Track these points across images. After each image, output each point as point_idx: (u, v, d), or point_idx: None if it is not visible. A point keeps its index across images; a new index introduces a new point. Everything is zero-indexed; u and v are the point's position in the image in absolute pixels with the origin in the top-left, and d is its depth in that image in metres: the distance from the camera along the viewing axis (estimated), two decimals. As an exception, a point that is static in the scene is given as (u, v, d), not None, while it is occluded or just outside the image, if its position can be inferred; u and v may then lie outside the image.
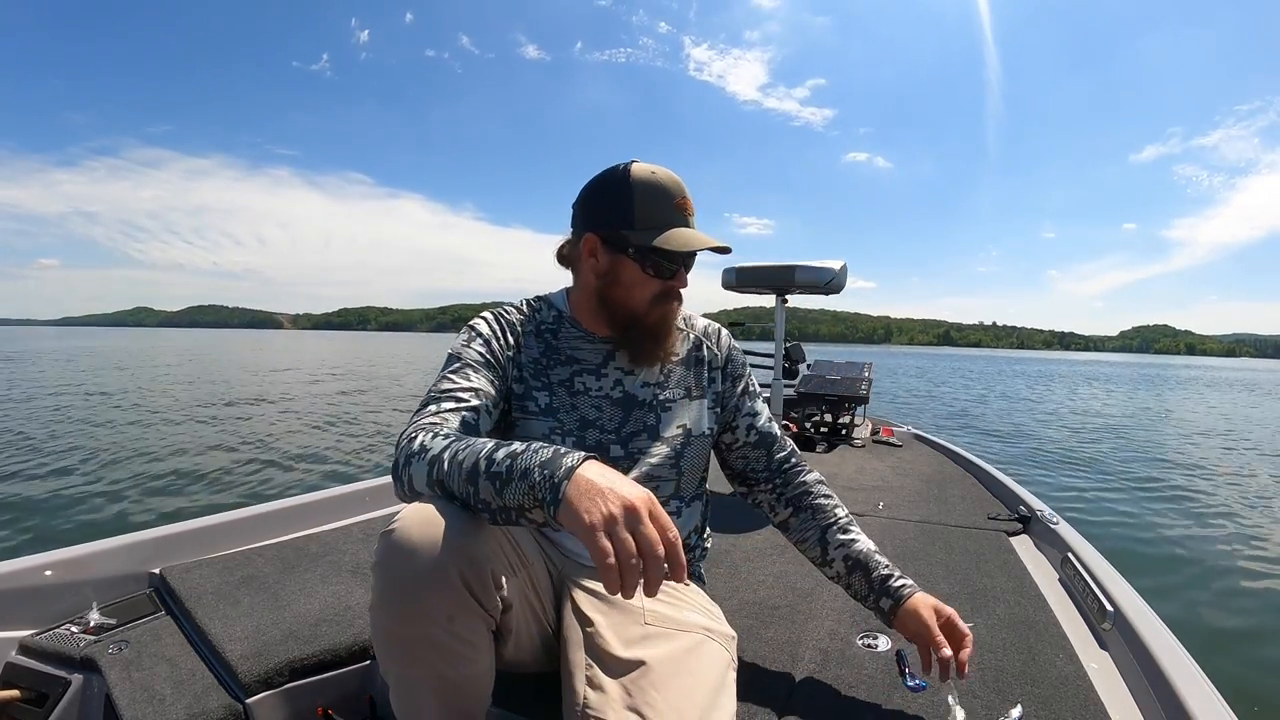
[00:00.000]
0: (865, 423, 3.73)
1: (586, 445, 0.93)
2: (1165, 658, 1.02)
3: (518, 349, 0.95)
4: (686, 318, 1.08)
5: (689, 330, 1.07)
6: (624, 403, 0.96)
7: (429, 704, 0.73)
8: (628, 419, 0.96)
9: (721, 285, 3.28)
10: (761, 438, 1.07)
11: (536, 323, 0.98)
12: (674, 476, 0.98)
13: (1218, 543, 3.93)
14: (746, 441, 1.07)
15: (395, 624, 0.68)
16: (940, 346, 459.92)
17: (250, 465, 5.51)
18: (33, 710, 1.07)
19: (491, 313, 0.98)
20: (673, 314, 0.97)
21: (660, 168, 0.92)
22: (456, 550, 0.66)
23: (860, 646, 1.14)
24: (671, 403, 0.99)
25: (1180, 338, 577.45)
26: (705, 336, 1.08)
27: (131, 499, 4.35)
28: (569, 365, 0.96)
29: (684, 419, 0.99)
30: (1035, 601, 1.34)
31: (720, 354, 1.07)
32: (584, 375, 0.96)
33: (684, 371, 1.03)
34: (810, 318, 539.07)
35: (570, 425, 0.93)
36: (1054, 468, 6.48)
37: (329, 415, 8.90)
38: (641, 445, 0.96)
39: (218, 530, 1.57)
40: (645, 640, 0.80)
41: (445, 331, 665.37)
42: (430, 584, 0.65)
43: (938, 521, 1.96)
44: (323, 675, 1.08)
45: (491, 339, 0.93)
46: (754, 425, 1.07)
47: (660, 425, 0.97)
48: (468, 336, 0.93)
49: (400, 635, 0.69)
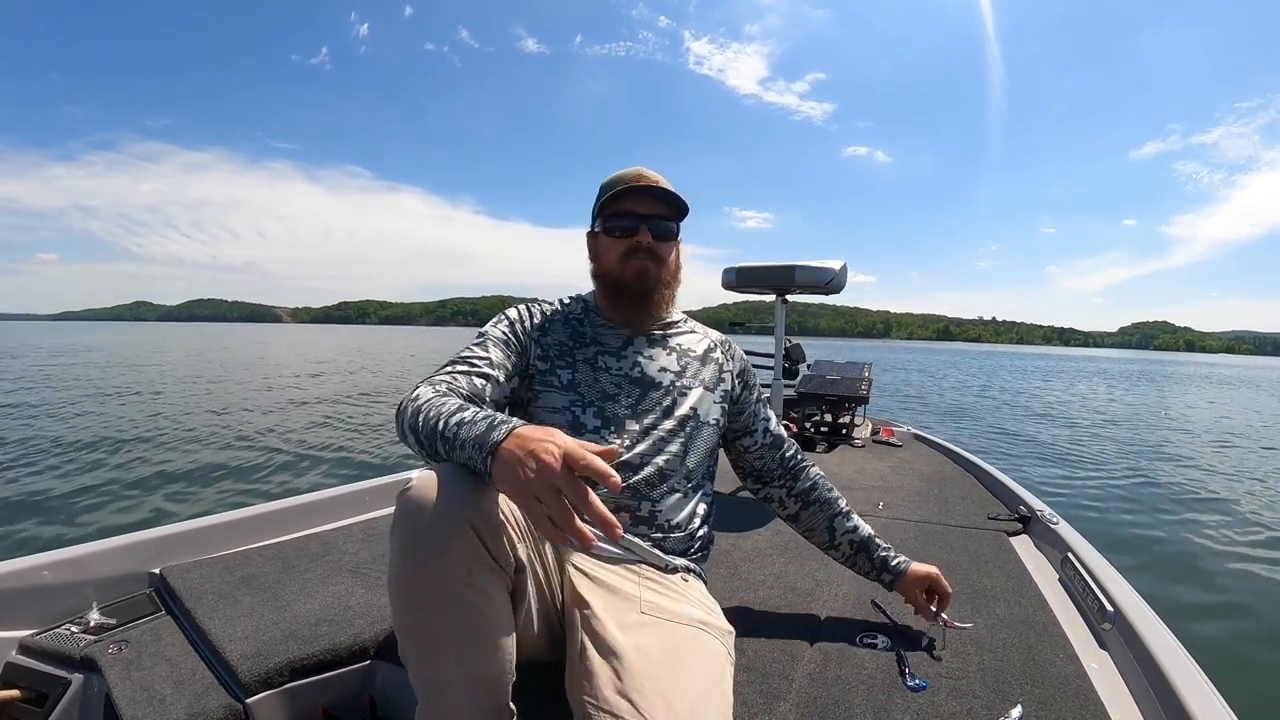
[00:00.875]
0: (865, 423, 3.74)
1: (605, 417, 1.02)
2: (1165, 658, 1.02)
3: (543, 333, 1.07)
4: (699, 324, 1.22)
5: (704, 335, 1.20)
6: (641, 382, 1.07)
7: (455, 676, 0.71)
8: (644, 397, 1.06)
9: (721, 285, 3.28)
10: (774, 440, 1.22)
11: (566, 313, 1.12)
12: (680, 455, 1.05)
13: (1218, 542, 3.93)
14: (763, 444, 1.21)
15: (417, 577, 0.69)
16: (940, 341, 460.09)
17: (250, 465, 5.51)
18: (33, 710, 1.07)
19: (524, 304, 1.13)
20: (649, 271, 1.07)
21: (637, 167, 1.10)
22: (470, 505, 0.70)
23: (860, 646, 1.14)
24: (687, 390, 1.09)
25: (1180, 334, 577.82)
26: (720, 344, 1.21)
27: (131, 499, 4.35)
28: (593, 346, 1.08)
29: (695, 405, 1.09)
30: (1035, 601, 1.34)
31: (735, 363, 1.21)
32: (606, 356, 1.08)
33: (699, 365, 1.14)
34: (810, 312, 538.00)
35: (592, 397, 1.04)
36: (1054, 466, 6.48)
37: (329, 415, 8.90)
38: (654, 422, 1.04)
39: (218, 530, 1.57)
40: (641, 627, 0.80)
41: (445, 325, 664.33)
42: (449, 535, 0.68)
43: (938, 521, 1.96)
44: (323, 675, 1.08)
45: (517, 322, 1.07)
46: (768, 429, 1.22)
47: (674, 407, 1.07)
48: (497, 319, 1.08)
49: (423, 591, 0.69)
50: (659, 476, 1.01)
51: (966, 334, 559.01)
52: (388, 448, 6.44)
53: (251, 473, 5.24)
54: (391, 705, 1.10)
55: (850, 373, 3.85)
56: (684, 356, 1.13)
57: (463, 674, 0.71)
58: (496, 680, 0.73)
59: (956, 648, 1.14)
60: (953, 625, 1.19)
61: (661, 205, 1.08)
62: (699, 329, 1.21)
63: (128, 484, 4.69)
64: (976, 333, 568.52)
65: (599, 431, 1.01)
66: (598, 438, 1.00)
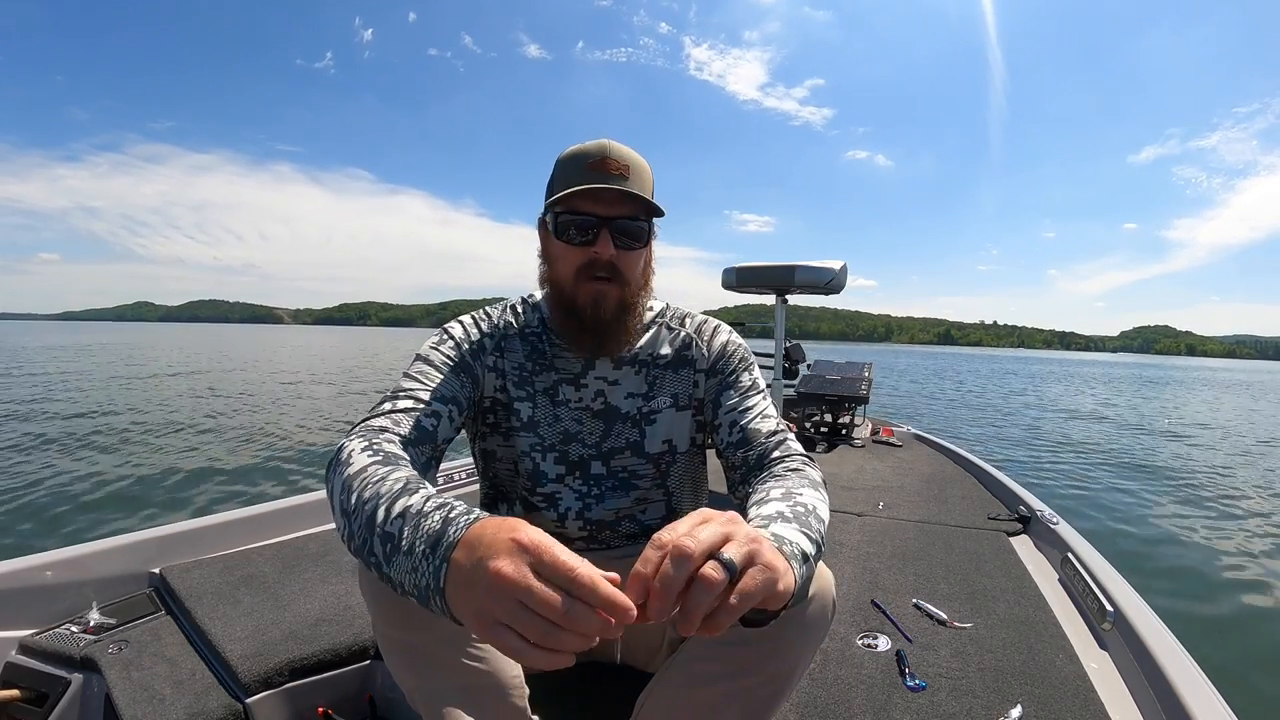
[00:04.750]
0: (865, 423, 3.74)
1: (569, 460, 0.88)
2: (1165, 658, 1.02)
3: (499, 354, 0.87)
4: (680, 316, 0.96)
5: (679, 330, 0.95)
6: (605, 415, 0.89)
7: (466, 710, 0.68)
8: (609, 433, 0.89)
9: (721, 285, 3.28)
10: (741, 438, 0.85)
11: (521, 325, 0.90)
12: (661, 495, 0.92)
13: (1219, 542, 3.93)
14: (729, 442, 0.86)
15: (395, 623, 0.66)
16: (941, 345, 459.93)
17: (250, 465, 5.51)
18: (33, 710, 1.06)
19: (470, 316, 0.91)
20: (606, 298, 0.82)
21: (604, 140, 0.83)
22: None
23: (860, 647, 1.14)
24: (656, 414, 0.90)
25: (1181, 338, 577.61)
26: (696, 334, 0.94)
27: (131, 499, 4.35)
28: (551, 372, 0.89)
29: (669, 432, 0.91)
30: (1035, 601, 1.34)
31: (708, 354, 0.93)
32: (564, 385, 0.89)
33: (672, 376, 0.92)
34: (811, 316, 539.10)
35: (552, 440, 0.88)
36: (1054, 467, 6.48)
37: (329, 415, 8.90)
38: (625, 463, 0.89)
39: (218, 530, 1.57)
40: None
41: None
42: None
43: (938, 521, 1.96)
44: (323, 675, 1.08)
45: (464, 342, 0.86)
46: (737, 424, 0.86)
47: (644, 440, 0.90)
48: (439, 338, 0.87)
49: (412, 642, 0.66)
50: (637, 526, 0.92)
51: (968, 338, 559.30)
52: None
53: (251, 473, 5.23)
54: (391, 705, 1.10)
55: (850, 373, 3.85)
56: (653, 369, 0.91)
57: (458, 685, 0.70)
58: (500, 697, 0.72)
59: (956, 648, 1.14)
60: (953, 625, 1.19)
61: (630, 200, 0.81)
62: (674, 322, 0.95)
63: (128, 484, 4.69)
64: (978, 337, 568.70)
65: (562, 480, 0.88)
66: (560, 487, 0.88)
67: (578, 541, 0.90)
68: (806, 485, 0.71)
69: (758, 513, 0.64)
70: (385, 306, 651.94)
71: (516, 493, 0.90)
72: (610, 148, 0.80)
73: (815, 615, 0.66)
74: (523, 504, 0.90)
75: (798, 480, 0.72)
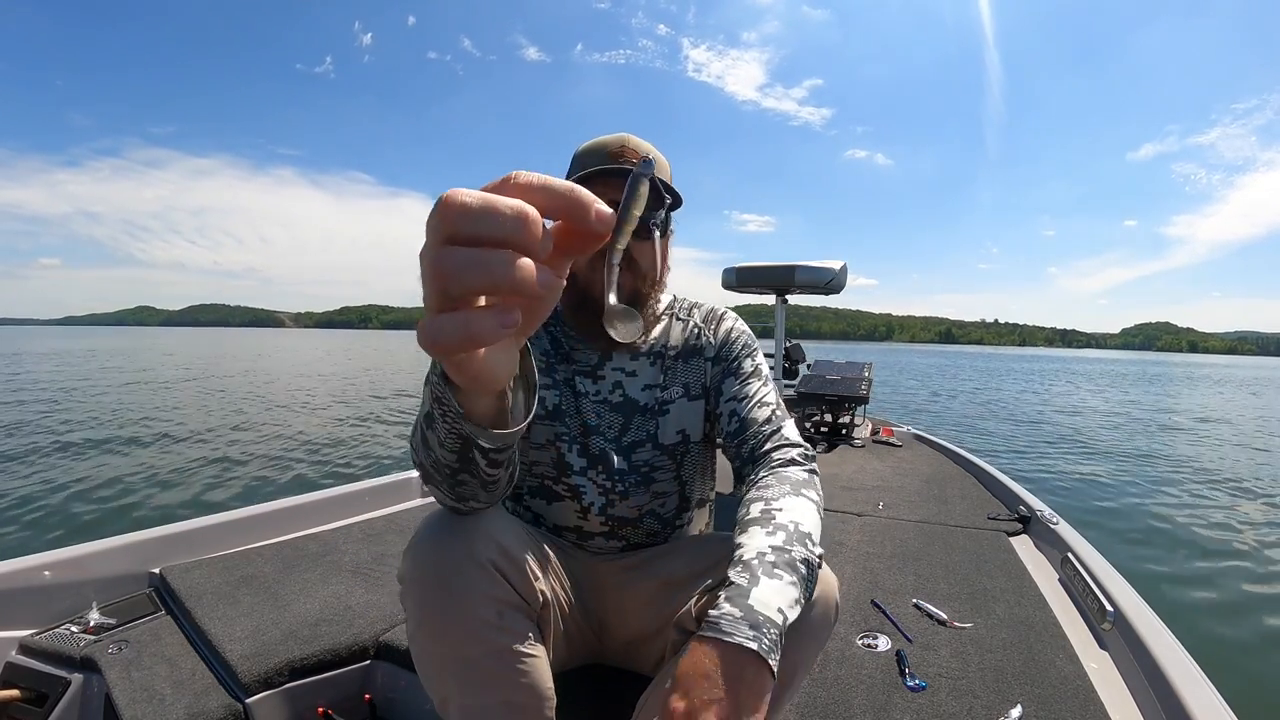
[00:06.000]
0: (865, 423, 3.74)
1: (590, 453, 0.89)
2: (1165, 657, 1.02)
3: (533, 336, 0.86)
4: (689, 306, 0.99)
5: (688, 320, 0.97)
6: (624, 408, 0.91)
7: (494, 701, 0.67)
8: (628, 426, 0.90)
9: (721, 285, 3.28)
10: (739, 425, 0.86)
11: None
12: (676, 488, 0.93)
13: (1219, 542, 3.92)
14: (728, 431, 0.88)
15: (444, 633, 0.65)
16: (942, 344, 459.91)
17: (250, 465, 5.51)
18: (33, 710, 1.07)
19: None
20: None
21: (623, 134, 0.85)
22: (490, 546, 0.65)
23: (860, 647, 1.14)
24: (670, 404, 0.92)
25: (1182, 335, 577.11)
26: (704, 323, 0.97)
27: (131, 499, 4.35)
28: (569, 364, 0.91)
29: (682, 422, 0.92)
30: (1035, 601, 1.34)
31: (715, 341, 0.95)
32: (582, 377, 0.90)
33: (683, 366, 0.94)
34: (812, 315, 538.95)
35: (574, 431, 0.89)
36: (1054, 466, 6.47)
37: (329, 415, 8.90)
38: (644, 456, 0.90)
39: (218, 530, 1.57)
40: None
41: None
42: (475, 582, 0.64)
43: (938, 521, 1.96)
44: (323, 675, 1.08)
45: None
46: (736, 412, 0.87)
47: (660, 432, 0.91)
48: None
49: (453, 654, 0.65)
50: (657, 522, 0.93)
51: (969, 336, 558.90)
52: (387, 448, 6.44)
53: (252, 473, 5.24)
54: (391, 705, 1.10)
55: (850, 372, 3.85)
56: (666, 359, 0.93)
57: (502, 699, 0.68)
58: (538, 711, 0.71)
59: (956, 648, 1.14)
60: (953, 625, 1.19)
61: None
62: (683, 312, 0.98)
63: (128, 484, 4.69)
64: (979, 335, 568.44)
65: (585, 473, 0.89)
66: (584, 480, 0.89)
67: (599, 536, 0.92)
68: (788, 493, 0.71)
69: (739, 555, 0.63)
70: (386, 309, 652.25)
71: (540, 481, 0.92)
72: (629, 140, 0.84)
73: (818, 619, 0.67)
74: (546, 493, 0.92)
75: (779, 488, 0.73)
